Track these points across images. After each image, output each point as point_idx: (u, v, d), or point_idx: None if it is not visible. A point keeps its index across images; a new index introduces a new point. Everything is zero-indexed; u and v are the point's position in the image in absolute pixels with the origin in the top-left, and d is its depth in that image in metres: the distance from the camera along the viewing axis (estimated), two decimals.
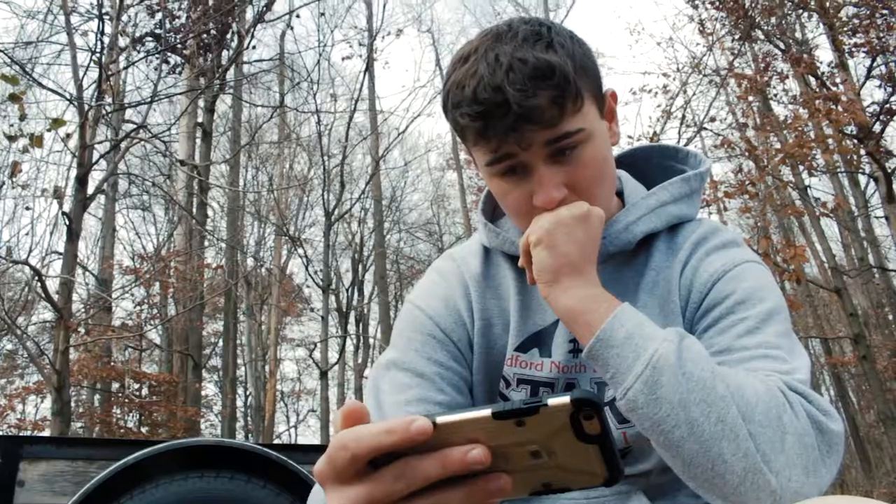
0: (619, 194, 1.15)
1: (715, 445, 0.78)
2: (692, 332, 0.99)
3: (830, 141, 9.84)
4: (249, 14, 11.22)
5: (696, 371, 0.80)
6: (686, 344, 0.83)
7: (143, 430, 12.88)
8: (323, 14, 13.63)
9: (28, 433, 11.66)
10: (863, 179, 12.54)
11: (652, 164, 1.22)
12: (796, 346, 0.95)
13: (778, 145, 10.66)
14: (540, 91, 0.91)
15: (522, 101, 0.90)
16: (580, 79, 0.95)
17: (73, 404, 10.11)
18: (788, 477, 0.78)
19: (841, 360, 16.39)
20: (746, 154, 10.63)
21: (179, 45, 10.85)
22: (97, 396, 13.77)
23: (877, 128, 10.03)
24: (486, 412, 0.49)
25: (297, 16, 10.44)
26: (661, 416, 0.80)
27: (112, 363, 13.30)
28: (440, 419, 0.50)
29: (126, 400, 13.11)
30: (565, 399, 0.48)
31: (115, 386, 13.37)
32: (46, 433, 10.20)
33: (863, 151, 10.28)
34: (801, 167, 11.30)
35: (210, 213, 14.97)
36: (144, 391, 13.55)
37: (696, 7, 12.57)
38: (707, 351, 0.86)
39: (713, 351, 0.92)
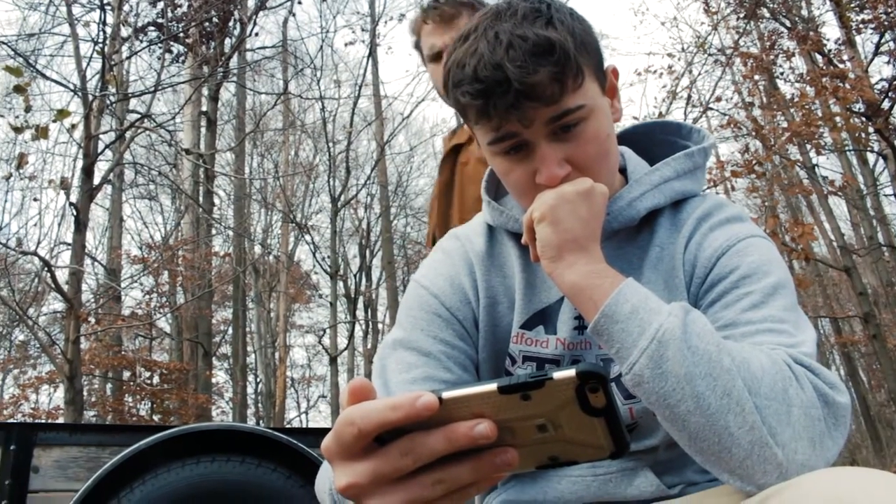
0: (623, 171, 1.14)
1: (721, 419, 0.78)
2: (697, 308, 0.99)
3: (838, 119, 9.77)
4: (251, 1, 11.19)
5: (701, 345, 0.80)
6: (691, 318, 0.83)
7: (155, 417, 12.98)
8: (325, 0, 13.58)
9: (41, 421, 11.76)
10: (871, 157, 12.46)
11: (655, 140, 1.22)
12: (802, 319, 0.94)
13: (785, 124, 10.60)
14: (540, 68, 0.91)
15: (523, 77, 0.90)
16: (581, 55, 0.95)
17: (85, 393, 10.19)
18: (795, 449, 0.78)
19: (851, 339, 16.37)
20: (753, 133, 10.57)
21: (182, 34, 10.83)
22: (109, 385, 13.88)
23: (885, 105, 9.95)
24: (491, 386, 0.50)
25: (300, 2, 10.43)
26: (667, 391, 0.80)
27: (123, 352, 13.41)
28: (446, 394, 0.50)
29: (137, 388, 13.20)
30: (571, 372, 0.48)
31: (127, 374, 13.47)
32: (60, 421, 10.29)
33: (871, 129, 10.21)
34: (808, 146, 11.24)
35: (216, 201, 15.01)
36: (155, 379, 13.63)
37: None
38: (712, 325, 0.86)
39: (718, 325, 0.92)
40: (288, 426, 18.43)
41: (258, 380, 19.19)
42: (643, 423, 1.02)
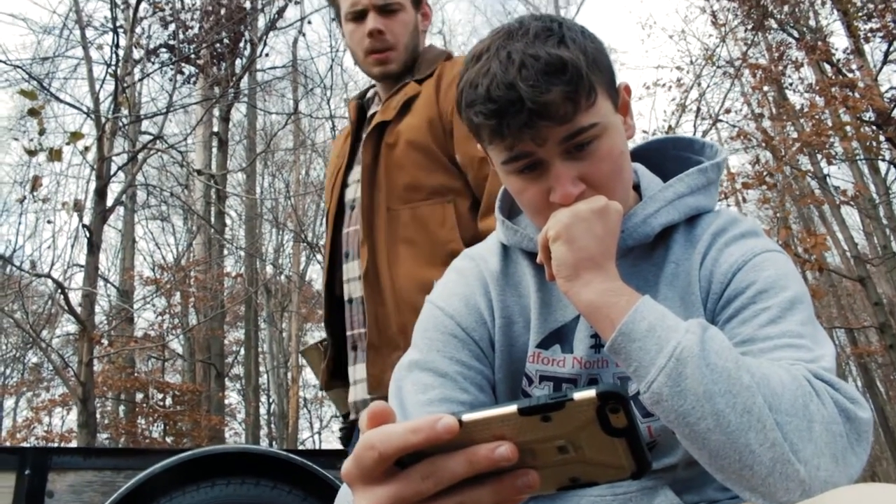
0: (636, 187, 1.14)
1: (742, 436, 0.77)
2: (714, 324, 0.98)
3: (848, 128, 9.75)
4: (262, 22, 11.31)
5: (720, 362, 0.80)
6: (709, 335, 0.82)
7: (168, 439, 13.00)
8: (334, 19, 13.68)
9: (55, 445, 11.80)
10: (883, 166, 12.39)
11: (668, 156, 1.22)
12: (820, 334, 0.93)
13: (795, 134, 10.58)
14: (553, 87, 0.91)
15: (536, 97, 0.90)
16: (593, 73, 0.95)
17: (98, 416, 10.21)
18: (817, 466, 0.77)
19: (867, 349, 16.21)
20: (763, 144, 10.56)
21: (193, 56, 10.93)
22: (122, 407, 13.91)
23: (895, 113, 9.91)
24: (511, 409, 0.49)
25: (309, 22, 10.51)
26: (687, 409, 0.79)
27: (135, 374, 13.45)
28: (466, 417, 0.50)
29: (150, 410, 13.23)
30: (591, 393, 0.48)
31: (140, 396, 13.50)
32: (73, 444, 10.32)
33: (882, 137, 10.18)
34: (819, 156, 11.20)
35: (228, 221, 15.08)
36: (168, 401, 13.66)
37: None
38: (730, 341, 0.86)
39: (736, 342, 0.91)
40: (301, 447, 18.38)
41: (271, 400, 19.19)
42: (662, 441, 1.01)
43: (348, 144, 1.93)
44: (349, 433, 1.92)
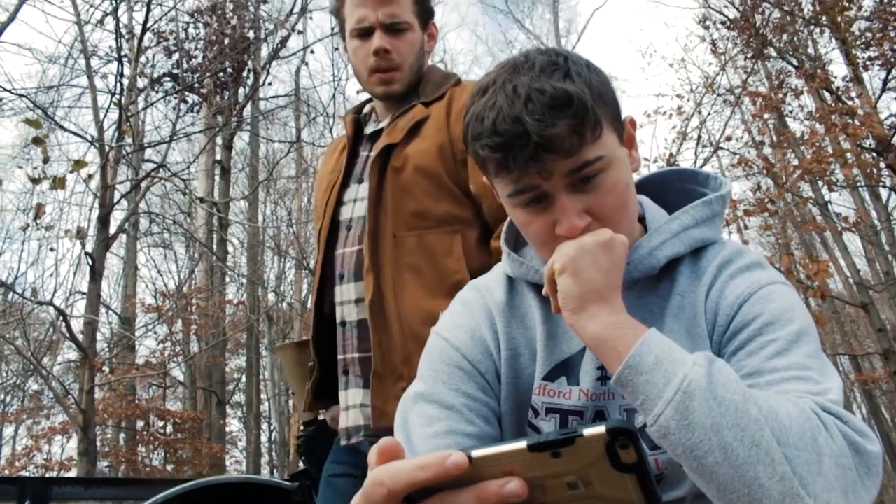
0: (641, 219, 1.15)
1: (750, 470, 0.77)
2: (720, 356, 0.98)
3: (849, 155, 9.78)
4: (265, 51, 11.40)
5: (727, 395, 0.79)
6: (716, 367, 0.82)
7: (169, 467, 12.90)
8: (337, 49, 13.80)
9: (55, 474, 11.71)
10: (884, 193, 12.41)
11: (672, 188, 1.22)
12: (827, 366, 0.93)
13: (795, 161, 10.61)
14: (559, 120, 0.92)
15: (541, 130, 0.91)
16: (598, 107, 0.96)
17: (98, 443, 10.15)
18: (827, 500, 0.76)
19: (872, 376, 16.10)
20: (764, 172, 10.59)
21: (197, 84, 11.02)
22: (122, 435, 13.82)
23: (895, 140, 9.95)
24: (521, 445, 0.49)
25: (312, 52, 10.56)
26: (694, 442, 0.79)
27: (137, 401, 13.38)
28: (475, 453, 0.50)
29: (151, 438, 13.14)
30: (601, 429, 0.48)
31: (140, 424, 13.43)
32: (73, 473, 10.24)
33: (882, 164, 10.20)
34: (820, 182, 11.22)
35: (230, 249, 15.12)
36: (169, 429, 13.58)
37: (707, 28, 12.63)
38: (737, 374, 0.85)
39: (743, 374, 0.91)
40: None
41: (272, 428, 19.06)
42: (669, 474, 1.01)
43: (343, 160, 1.86)
44: (309, 442, 1.90)
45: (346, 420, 1.71)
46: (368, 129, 1.89)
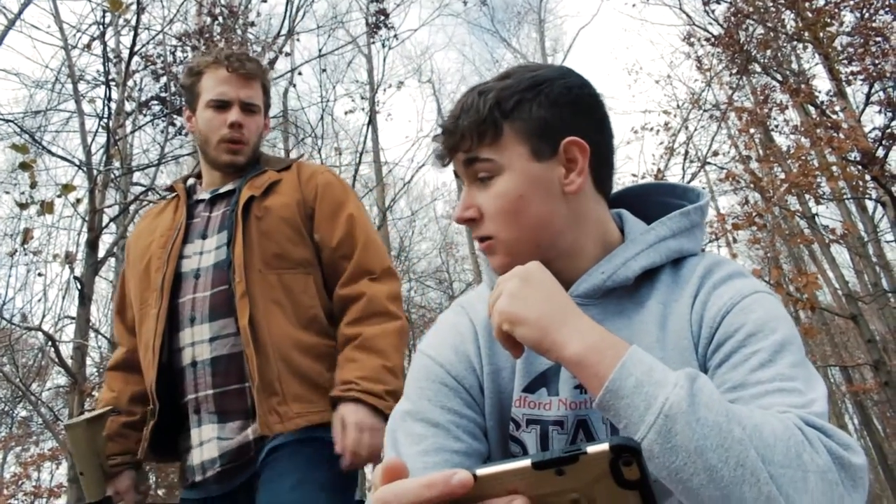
0: (621, 231, 1.16)
1: (736, 490, 0.77)
2: (705, 368, 0.98)
3: (834, 168, 9.85)
4: None
5: (710, 416, 0.79)
6: (698, 387, 0.82)
7: (161, 491, 12.75)
8: (325, 70, 13.87)
9: (44, 501, 11.56)
10: (870, 205, 12.51)
11: (651, 201, 1.24)
12: (811, 375, 0.93)
13: (782, 175, 10.68)
14: (466, 118, 1.07)
15: (450, 125, 1.10)
16: (508, 120, 1.06)
17: None
18: None
19: (862, 387, 16.12)
20: (751, 186, 10.66)
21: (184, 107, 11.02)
22: None
23: (880, 153, 10.05)
24: (525, 463, 0.50)
25: (300, 73, 10.63)
26: (679, 465, 0.79)
27: None
28: (480, 471, 0.50)
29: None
30: (604, 446, 0.49)
31: None
32: (62, 501, 10.12)
33: (868, 177, 10.28)
34: (807, 196, 11.30)
35: None
36: None
37: (691, 44, 12.75)
38: (721, 387, 0.86)
39: (727, 387, 0.91)
40: None
41: None
42: (659, 490, 1.01)
43: (181, 219, 2.03)
44: None
45: (199, 455, 1.83)
46: (204, 195, 2.09)
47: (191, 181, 2.19)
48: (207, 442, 1.82)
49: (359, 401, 1.75)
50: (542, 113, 1.06)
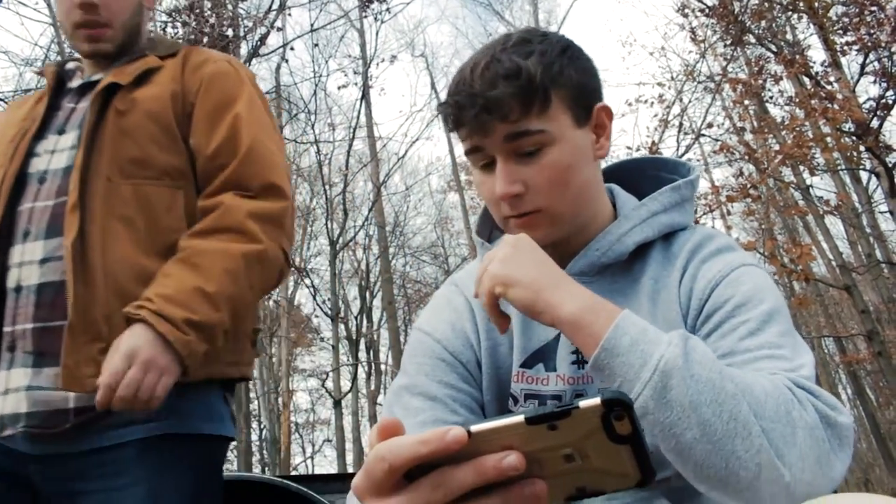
0: (614, 206, 1.17)
1: (728, 443, 0.79)
2: None
3: (829, 139, 9.87)
4: (244, 49, 11.36)
5: (703, 372, 0.81)
6: (691, 346, 0.84)
7: None
8: (317, 45, 13.76)
9: None
10: (864, 176, 12.53)
11: (644, 176, 1.24)
12: (798, 343, 0.95)
13: (777, 147, 10.69)
14: (503, 87, 0.98)
15: (486, 92, 0.99)
16: (553, 85, 1.00)
17: None
18: (802, 469, 0.79)
19: (856, 357, 16.27)
20: (746, 157, 10.67)
21: None
22: None
23: (874, 123, 10.04)
24: (519, 418, 0.50)
25: (292, 48, 10.53)
26: (673, 420, 0.81)
27: None
28: (474, 427, 0.50)
29: None
30: (596, 400, 0.49)
31: None
32: None
33: (862, 148, 10.29)
34: (801, 167, 11.32)
35: None
36: None
37: (686, 16, 12.67)
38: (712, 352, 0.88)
39: (717, 355, 0.93)
40: (294, 472, 18.19)
41: (262, 426, 19.04)
42: (656, 453, 1.03)
43: (40, 110, 1.61)
44: None
45: (1, 406, 1.39)
46: (75, 83, 1.67)
47: (71, 65, 1.74)
48: (14, 391, 1.39)
49: (145, 322, 1.31)
50: (579, 78, 1.05)
